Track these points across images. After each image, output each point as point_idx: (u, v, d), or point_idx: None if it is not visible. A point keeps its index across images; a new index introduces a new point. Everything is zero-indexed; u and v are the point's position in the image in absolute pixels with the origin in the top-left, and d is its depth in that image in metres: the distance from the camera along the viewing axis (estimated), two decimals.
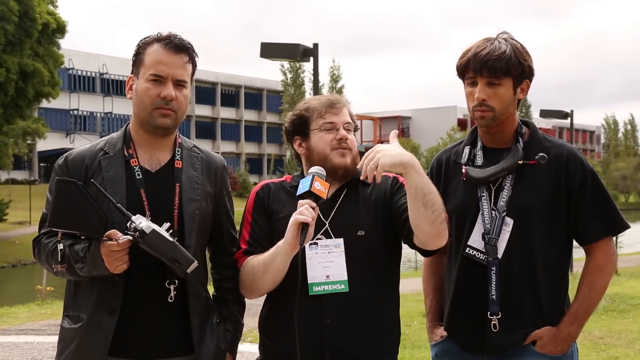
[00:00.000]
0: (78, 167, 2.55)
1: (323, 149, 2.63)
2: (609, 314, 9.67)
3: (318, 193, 2.44)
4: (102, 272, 2.39)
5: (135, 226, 2.33)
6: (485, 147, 2.75)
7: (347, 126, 2.66)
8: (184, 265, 2.37)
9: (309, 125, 2.68)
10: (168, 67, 2.51)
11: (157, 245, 2.34)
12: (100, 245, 2.36)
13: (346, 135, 2.64)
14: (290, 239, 2.42)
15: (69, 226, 2.40)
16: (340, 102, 2.69)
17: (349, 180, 2.67)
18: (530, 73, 2.66)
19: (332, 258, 2.56)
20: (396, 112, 73.37)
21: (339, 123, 2.64)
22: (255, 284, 2.57)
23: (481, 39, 2.67)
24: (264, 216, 2.67)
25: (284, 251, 2.47)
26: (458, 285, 2.74)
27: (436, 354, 2.86)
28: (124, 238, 2.35)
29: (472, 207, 2.70)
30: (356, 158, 2.65)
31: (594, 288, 2.68)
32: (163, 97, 2.50)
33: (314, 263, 2.56)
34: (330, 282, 2.54)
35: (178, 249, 2.37)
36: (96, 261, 2.37)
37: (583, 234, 2.70)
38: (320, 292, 2.54)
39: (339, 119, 2.65)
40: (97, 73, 54.86)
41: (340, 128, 2.64)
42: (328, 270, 2.55)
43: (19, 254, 26.54)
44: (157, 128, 2.54)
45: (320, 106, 2.68)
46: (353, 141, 2.67)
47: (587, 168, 2.67)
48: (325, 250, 2.57)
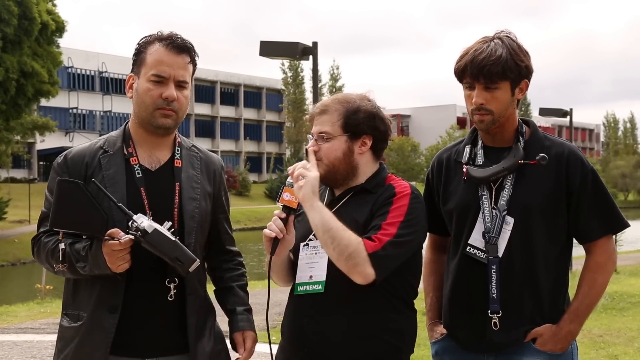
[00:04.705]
0: (78, 166, 2.55)
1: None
2: (609, 312, 9.67)
3: (287, 204, 2.52)
4: (104, 271, 2.39)
5: (137, 225, 2.33)
6: (486, 147, 2.75)
7: (319, 136, 2.60)
8: (186, 264, 2.37)
9: None
10: (170, 68, 2.51)
11: (160, 245, 2.34)
12: (102, 245, 2.36)
13: (312, 146, 2.59)
14: (266, 249, 2.54)
15: (71, 226, 2.39)
16: (319, 109, 2.64)
17: (353, 187, 2.63)
18: (528, 73, 2.65)
19: (317, 259, 2.57)
20: (395, 110, 73.36)
21: (313, 133, 2.64)
22: (275, 279, 2.71)
23: (478, 39, 2.66)
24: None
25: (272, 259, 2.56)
26: (458, 284, 2.74)
27: (436, 352, 2.86)
28: (125, 237, 2.35)
29: (472, 206, 2.70)
30: (333, 166, 2.58)
31: (594, 286, 2.68)
32: (165, 97, 2.50)
33: (303, 264, 2.61)
34: (311, 283, 2.56)
35: (180, 248, 2.37)
36: (98, 260, 2.37)
37: (583, 232, 2.70)
38: (303, 292, 2.57)
39: (313, 128, 2.65)
40: (96, 72, 54.85)
41: (312, 139, 2.63)
42: (312, 271, 2.58)
43: (18, 253, 26.53)
44: (158, 128, 2.55)
45: (310, 114, 2.72)
46: (324, 149, 2.58)
47: (588, 167, 2.67)
48: (313, 251, 2.59)
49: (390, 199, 2.53)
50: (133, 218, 2.36)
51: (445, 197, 2.80)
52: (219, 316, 2.69)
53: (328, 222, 2.42)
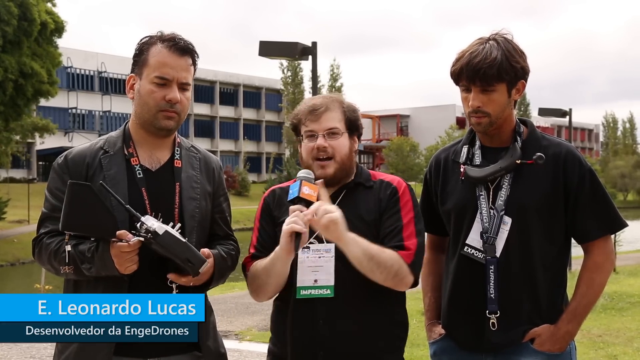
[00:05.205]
0: (79, 166, 2.54)
1: (306, 158, 2.64)
2: (608, 312, 9.67)
3: (308, 198, 2.46)
4: (111, 273, 2.38)
5: (147, 227, 2.33)
6: (484, 147, 2.76)
7: (328, 132, 2.60)
8: (197, 265, 2.38)
9: (300, 131, 2.68)
10: (173, 70, 2.51)
11: (171, 246, 2.34)
12: (110, 246, 2.35)
13: (323, 144, 2.59)
14: (285, 245, 2.46)
15: (82, 229, 2.37)
16: (323, 106, 2.62)
17: (347, 183, 2.66)
18: (524, 73, 2.65)
19: (322, 263, 2.57)
20: (395, 110, 73.39)
21: (319, 130, 2.60)
22: (261, 287, 2.61)
23: (474, 41, 2.66)
24: (270, 222, 2.69)
25: (281, 257, 2.51)
26: (456, 284, 2.75)
27: (434, 352, 2.86)
28: (134, 239, 2.34)
29: (470, 206, 2.71)
30: (343, 163, 2.62)
31: (592, 286, 2.69)
32: (168, 100, 2.51)
33: (304, 267, 2.57)
34: (317, 287, 2.55)
35: (191, 249, 2.37)
36: (105, 262, 2.36)
37: (581, 232, 2.70)
38: (307, 296, 2.55)
39: (319, 126, 2.60)
40: (95, 72, 54.82)
41: (319, 136, 2.60)
42: (317, 275, 2.56)
43: (17, 253, 26.52)
44: (160, 130, 2.56)
45: (303, 113, 2.65)
46: (337, 146, 2.61)
47: (585, 167, 2.68)
48: (316, 254, 2.57)
49: (394, 196, 2.62)
50: (141, 220, 2.35)
51: (443, 197, 2.81)
52: (219, 316, 2.69)
53: (368, 250, 2.47)
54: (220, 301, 10.92)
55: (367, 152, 67.67)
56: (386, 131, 70.47)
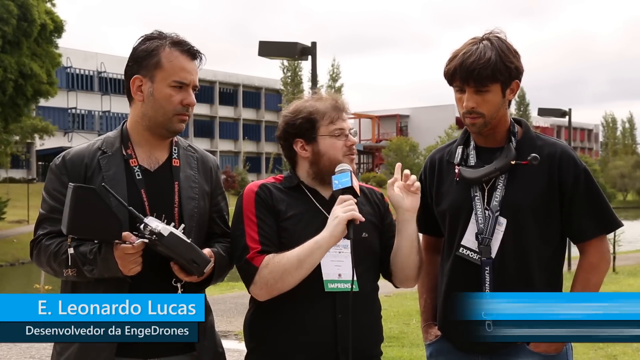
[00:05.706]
0: (77, 167, 2.54)
1: (335, 155, 2.64)
2: None
3: (357, 189, 2.55)
4: (114, 275, 2.38)
5: (152, 229, 2.33)
6: (478, 147, 2.76)
7: (351, 131, 2.72)
8: (201, 266, 2.39)
9: (317, 129, 2.66)
10: (190, 74, 2.57)
11: (176, 247, 2.34)
12: (114, 248, 2.35)
13: (355, 141, 2.71)
14: (339, 233, 2.49)
15: (88, 233, 2.36)
16: (345, 106, 2.73)
17: None
18: (518, 73, 2.65)
19: (342, 258, 2.61)
20: (394, 110, 73.31)
21: (347, 128, 2.70)
22: (284, 281, 2.50)
23: (467, 41, 2.66)
24: (270, 216, 2.63)
25: (327, 245, 2.51)
26: (452, 285, 2.75)
27: (431, 354, 2.87)
28: (139, 241, 2.34)
29: (465, 207, 2.71)
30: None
31: (587, 286, 2.68)
32: (186, 104, 2.56)
33: (327, 261, 2.58)
34: (342, 281, 2.58)
35: (195, 249, 2.38)
36: (109, 264, 2.36)
37: (576, 232, 2.71)
38: (334, 290, 2.58)
39: (346, 124, 2.71)
40: (95, 72, 54.76)
41: (349, 134, 2.69)
42: (340, 269, 2.60)
43: (17, 253, 26.50)
44: (173, 133, 2.59)
45: (329, 111, 2.67)
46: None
47: (580, 166, 2.68)
48: (336, 249, 2.60)
49: (386, 206, 2.80)
50: (145, 221, 2.35)
51: (438, 198, 2.81)
52: (218, 316, 2.70)
53: (417, 232, 2.70)
54: (220, 301, 10.93)
55: (367, 152, 67.62)
56: (386, 131, 70.40)
